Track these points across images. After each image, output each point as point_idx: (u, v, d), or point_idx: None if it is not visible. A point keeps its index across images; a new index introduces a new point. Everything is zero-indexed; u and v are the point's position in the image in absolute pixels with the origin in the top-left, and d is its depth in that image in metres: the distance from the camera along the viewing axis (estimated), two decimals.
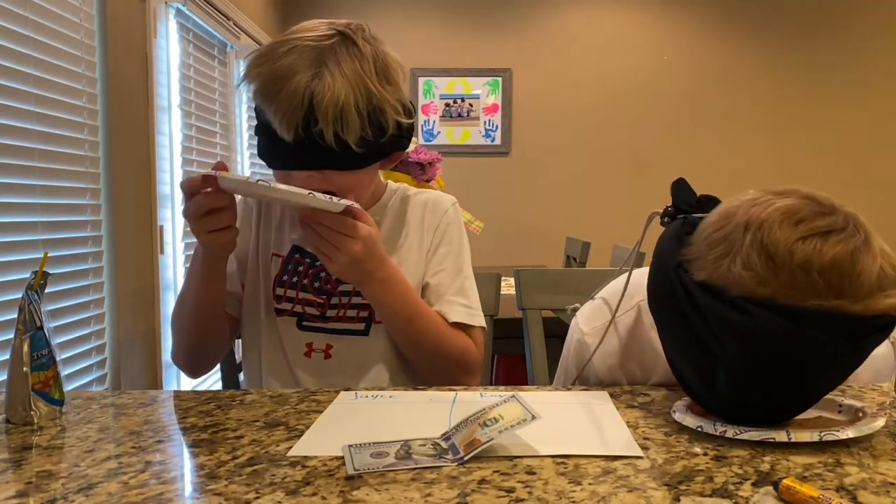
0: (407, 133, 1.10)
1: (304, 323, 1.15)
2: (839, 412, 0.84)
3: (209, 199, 0.97)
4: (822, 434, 0.73)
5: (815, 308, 0.69)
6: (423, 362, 1.12)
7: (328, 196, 0.97)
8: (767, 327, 0.70)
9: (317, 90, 0.99)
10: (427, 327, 1.11)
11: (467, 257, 1.21)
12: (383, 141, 1.05)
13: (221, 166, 0.97)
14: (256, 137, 1.08)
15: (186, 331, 1.14)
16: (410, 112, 1.09)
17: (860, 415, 0.80)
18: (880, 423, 0.77)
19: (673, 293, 0.77)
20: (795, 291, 0.69)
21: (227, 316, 1.18)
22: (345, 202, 0.98)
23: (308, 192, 0.96)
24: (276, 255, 1.17)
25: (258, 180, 0.96)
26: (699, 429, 0.78)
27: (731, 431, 0.75)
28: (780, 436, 0.74)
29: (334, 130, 1.00)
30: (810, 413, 0.84)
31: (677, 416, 0.82)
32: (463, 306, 1.16)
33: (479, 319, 1.18)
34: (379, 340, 1.15)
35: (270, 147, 1.05)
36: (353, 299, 1.14)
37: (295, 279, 1.15)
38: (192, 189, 0.97)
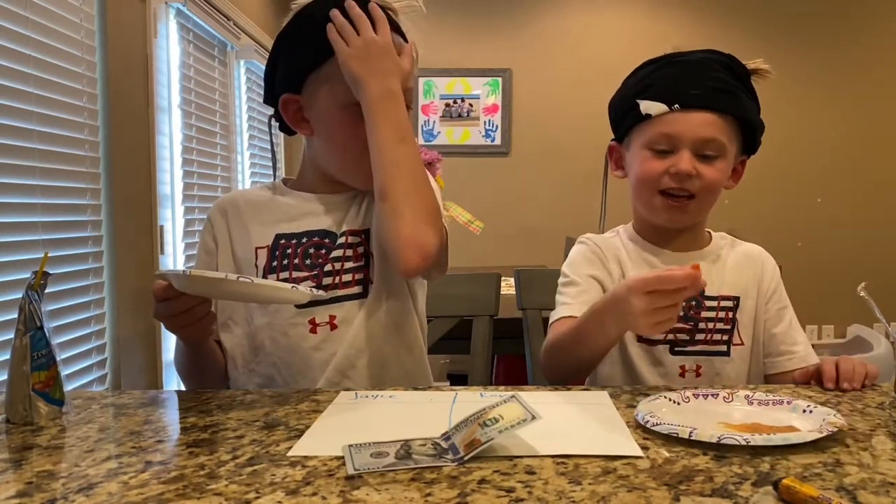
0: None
1: None
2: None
3: (179, 304, 0.98)
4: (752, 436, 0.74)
5: None
6: (398, 196, 1.07)
7: (293, 286, 0.96)
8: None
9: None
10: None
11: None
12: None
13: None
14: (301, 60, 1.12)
15: (191, 379, 1.18)
16: None
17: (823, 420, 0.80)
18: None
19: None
20: None
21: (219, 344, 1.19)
22: (308, 292, 0.95)
23: (275, 282, 0.99)
24: (260, 247, 1.17)
25: (232, 277, 0.93)
26: (674, 434, 0.76)
27: (702, 434, 0.75)
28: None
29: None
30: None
31: (644, 419, 0.81)
32: None
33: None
34: (377, 301, 1.14)
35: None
36: (345, 264, 1.14)
37: (285, 261, 1.15)
38: (160, 295, 0.98)
